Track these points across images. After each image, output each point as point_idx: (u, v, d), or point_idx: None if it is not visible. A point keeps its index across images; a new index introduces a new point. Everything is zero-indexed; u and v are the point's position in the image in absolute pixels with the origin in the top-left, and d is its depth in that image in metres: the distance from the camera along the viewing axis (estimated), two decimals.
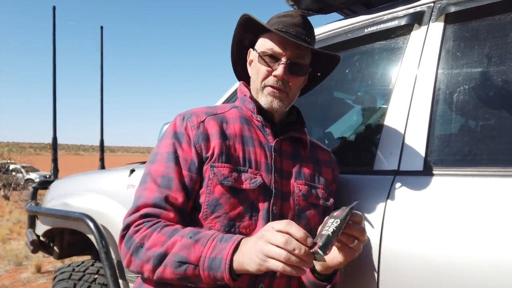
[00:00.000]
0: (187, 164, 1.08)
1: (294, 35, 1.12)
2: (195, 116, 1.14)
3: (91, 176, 2.58)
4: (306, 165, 1.20)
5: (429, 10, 1.34)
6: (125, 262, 1.03)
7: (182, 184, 1.07)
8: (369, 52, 1.53)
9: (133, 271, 1.02)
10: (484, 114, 1.25)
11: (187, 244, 0.95)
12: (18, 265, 5.77)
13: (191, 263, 0.93)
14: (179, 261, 0.94)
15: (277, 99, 1.14)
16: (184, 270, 0.94)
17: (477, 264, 0.99)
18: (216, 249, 0.92)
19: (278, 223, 0.87)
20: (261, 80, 1.15)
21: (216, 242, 0.94)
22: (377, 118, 1.48)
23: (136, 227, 1.01)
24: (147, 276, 1.00)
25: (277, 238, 0.83)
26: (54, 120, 3.82)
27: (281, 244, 0.82)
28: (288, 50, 1.11)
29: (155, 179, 1.07)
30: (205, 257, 0.92)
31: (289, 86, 1.14)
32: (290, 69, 1.12)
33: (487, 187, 1.07)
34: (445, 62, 1.27)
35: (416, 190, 1.17)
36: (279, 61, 1.12)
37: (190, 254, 0.93)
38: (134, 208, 1.05)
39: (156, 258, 0.96)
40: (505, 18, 1.21)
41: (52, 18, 3.87)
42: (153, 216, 1.03)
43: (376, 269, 1.16)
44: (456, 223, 1.05)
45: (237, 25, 1.19)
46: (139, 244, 0.99)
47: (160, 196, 1.04)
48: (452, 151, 1.21)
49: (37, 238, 2.75)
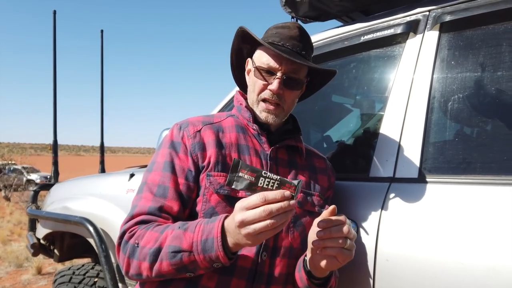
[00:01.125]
0: (184, 173, 1.10)
1: (290, 49, 1.14)
2: (191, 126, 1.16)
3: (91, 180, 2.59)
4: (302, 173, 1.22)
5: (424, 19, 1.36)
6: (124, 267, 1.05)
7: (178, 193, 1.08)
8: (366, 59, 1.55)
9: (133, 274, 1.03)
10: (478, 122, 1.27)
11: (177, 234, 0.97)
12: (19, 267, 5.79)
13: (185, 250, 0.95)
14: (173, 252, 0.95)
15: (272, 115, 1.16)
16: (179, 259, 0.95)
17: (471, 270, 1.00)
18: (205, 231, 0.94)
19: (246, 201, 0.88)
20: (257, 93, 1.17)
21: (203, 226, 0.96)
22: (374, 126, 1.49)
23: (131, 233, 1.04)
24: (146, 276, 1.01)
25: (255, 214, 0.85)
26: (55, 123, 3.84)
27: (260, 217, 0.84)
28: (283, 65, 1.13)
29: (151, 188, 1.09)
30: (197, 242, 0.94)
31: (284, 99, 1.16)
32: (285, 84, 1.14)
33: (481, 195, 1.08)
34: (440, 70, 1.29)
35: (411, 197, 1.18)
36: (274, 75, 1.14)
37: (182, 242, 0.95)
38: (130, 216, 1.08)
39: (151, 254, 0.98)
40: (498, 27, 1.22)
41: (53, 22, 3.89)
42: (148, 222, 1.05)
43: (372, 276, 1.17)
44: (451, 230, 1.07)
45: (235, 37, 1.22)
46: (134, 244, 1.01)
47: (155, 205, 1.06)
48: (447, 158, 1.22)
49: (37, 241, 2.77)
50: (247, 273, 1.07)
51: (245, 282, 1.07)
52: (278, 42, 1.14)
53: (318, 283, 1.10)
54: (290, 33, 1.16)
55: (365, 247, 1.20)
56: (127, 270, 1.04)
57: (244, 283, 1.07)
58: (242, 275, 1.06)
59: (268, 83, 1.15)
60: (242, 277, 1.06)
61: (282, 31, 1.16)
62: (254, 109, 1.20)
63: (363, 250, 1.20)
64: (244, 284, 1.06)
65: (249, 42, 1.21)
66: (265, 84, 1.15)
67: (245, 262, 1.07)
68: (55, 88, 3.77)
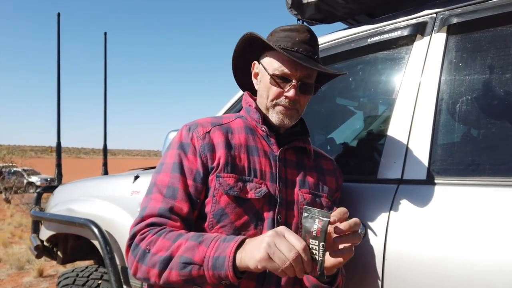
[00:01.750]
0: (193, 174, 1.10)
1: (304, 55, 1.13)
2: (201, 127, 1.16)
3: (95, 182, 2.60)
4: (310, 174, 1.22)
5: (431, 21, 1.36)
6: (132, 270, 1.05)
7: (187, 194, 1.09)
8: (372, 62, 1.55)
9: (140, 278, 1.04)
10: (486, 124, 1.27)
11: (191, 246, 0.97)
12: (20, 269, 5.78)
13: (196, 263, 0.95)
14: (184, 263, 0.96)
15: (288, 117, 1.17)
16: (189, 271, 0.95)
17: (480, 272, 1.00)
18: (219, 249, 0.94)
19: (291, 234, 0.89)
20: (271, 99, 1.16)
21: (219, 243, 0.96)
22: (381, 127, 1.50)
23: (142, 235, 1.03)
24: (154, 282, 1.01)
25: (286, 247, 0.86)
26: (58, 126, 3.84)
27: (287, 254, 0.85)
28: (298, 71, 1.12)
29: (161, 189, 1.09)
30: (209, 257, 0.94)
31: (299, 104, 1.17)
32: (301, 89, 1.14)
33: (490, 196, 1.08)
34: (448, 73, 1.29)
35: (419, 199, 1.18)
36: (290, 82, 1.13)
37: (195, 255, 0.95)
38: (140, 218, 1.07)
39: (161, 262, 0.98)
40: (507, 29, 1.22)
41: (57, 24, 3.90)
42: (159, 225, 1.05)
43: (380, 277, 1.17)
44: (459, 232, 1.07)
45: (242, 40, 1.21)
46: (145, 250, 1.01)
47: (165, 206, 1.06)
48: (455, 160, 1.22)
49: (41, 243, 2.76)
50: (256, 274, 1.07)
51: (255, 283, 1.07)
52: (291, 48, 1.13)
53: (326, 281, 1.10)
54: (300, 37, 1.15)
55: (374, 249, 1.20)
56: (135, 273, 1.04)
57: (253, 284, 1.07)
58: (251, 276, 1.06)
59: (283, 90, 1.14)
60: (251, 278, 1.06)
61: (292, 35, 1.15)
62: (267, 112, 1.19)
63: (372, 252, 1.20)
64: (254, 285, 1.07)
65: (258, 47, 1.20)
66: (281, 92, 1.15)
67: None
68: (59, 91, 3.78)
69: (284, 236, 0.89)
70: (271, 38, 1.19)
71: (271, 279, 1.08)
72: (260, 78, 1.21)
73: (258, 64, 1.21)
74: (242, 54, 1.26)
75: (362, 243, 1.23)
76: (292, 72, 1.12)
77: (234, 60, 1.29)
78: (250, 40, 1.19)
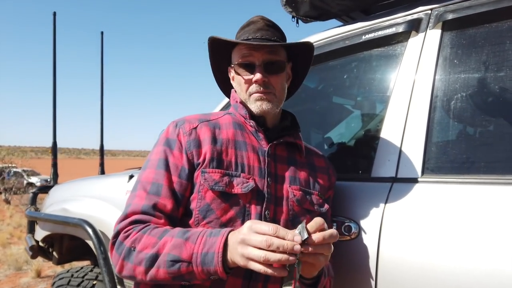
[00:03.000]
0: (178, 171, 1.09)
1: (260, 38, 1.15)
2: (187, 123, 1.15)
3: (90, 182, 2.58)
4: (301, 171, 1.20)
5: (426, 18, 1.35)
6: (117, 268, 1.03)
7: (172, 190, 1.07)
8: (367, 58, 1.53)
9: (126, 276, 1.02)
10: (481, 121, 1.25)
11: (178, 243, 0.96)
12: (18, 270, 5.77)
13: (184, 260, 0.94)
14: (171, 260, 0.95)
15: (265, 101, 1.16)
16: (177, 268, 0.95)
17: (474, 272, 0.99)
18: (207, 244, 0.94)
19: (258, 224, 0.88)
20: (245, 90, 1.18)
21: (206, 238, 0.95)
22: (375, 125, 1.48)
23: (126, 233, 1.02)
24: (140, 279, 1.00)
25: (257, 239, 0.85)
26: (54, 125, 3.83)
27: (260, 245, 0.85)
28: (258, 52, 1.14)
29: (145, 186, 1.08)
30: (197, 254, 0.93)
31: (272, 86, 1.16)
32: (266, 70, 1.15)
33: (485, 194, 1.06)
34: (443, 69, 1.27)
35: (413, 198, 1.17)
36: (254, 67, 1.15)
37: (182, 252, 0.95)
38: (124, 215, 1.06)
39: (148, 260, 0.97)
40: (502, 25, 1.21)
41: (53, 24, 3.89)
42: (142, 222, 1.04)
43: (374, 277, 1.15)
44: (454, 231, 1.05)
45: (208, 50, 1.23)
46: (130, 248, 1.00)
47: (148, 203, 1.05)
48: (450, 158, 1.21)
49: (36, 243, 2.75)
50: (243, 271, 1.05)
51: (242, 280, 1.05)
52: (248, 38, 1.16)
53: (309, 283, 1.07)
54: (256, 26, 1.18)
55: (367, 248, 1.18)
56: (121, 271, 1.03)
57: (240, 281, 1.05)
58: (238, 273, 1.04)
59: (251, 78, 1.15)
60: (238, 275, 1.05)
61: (249, 28, 1.19)
62: (248, 105, 1.19)
63: (365, 251, 1.18)
64: (241, 282, 1.05)
65: (223, 51, 1.22)
66: (249, 79, 1.16)
67: None
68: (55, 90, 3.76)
69: (254, 231, 0.88)
70: (233, 39, 1.21)
71: (258, 276, 1.06)
72: (234, 78, 1.23)
73: (231, 68, 1.23)
74: (219, 67, 1.29)
75: (356, 241, 1.22)
76: (253, 56, 1.14)
77: (215, 74, 1.32)
78: (215, 46, 1.21)
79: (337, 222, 1.27)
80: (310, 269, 0.97)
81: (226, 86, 1.34)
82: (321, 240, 0.89)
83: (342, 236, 1.25)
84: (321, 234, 0.89)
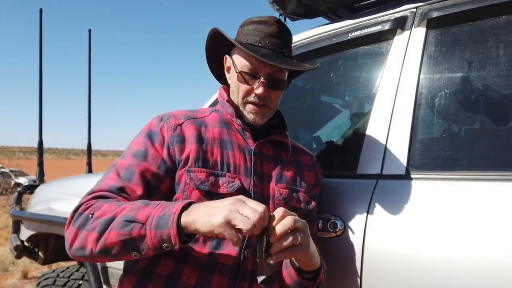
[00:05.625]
0: (157, 163, 1.07)
1: (271, 49, 1.10)
2: (173, 118, 1.13)
3: (77, 181, 2.55)
4: (287, 169, 1.20)
5: (411, 16, 1.35)
6: (69, 240, 0.97)
7: (144, 179, 1.05)
8: (353, 56, 1.54)
9: (76, 249, 0.96)
10: (465, 118, 1.26)
11: (136, 207, 0.93)
12: (5, 271, 5.67)
13: (138, 221, 0.90)
14: (125, 221, 0.91)
15: (260, 115, 1.14)
16: (130, 229, 0.90)
17: (458, 267, 0.99)
18: (165, 209, 0.91)
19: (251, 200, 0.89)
20: (242, 96, 1.14)
21: (166, 205, 0.93)
22: (361, 123, 1.49)
23: (87, 205, 0.99)
24: (89, 250, 0.94)
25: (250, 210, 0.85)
26: (40, 124, 3.77)
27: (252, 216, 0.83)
28: (266, 67, 1.09)
29: (119, 170, 1.06)
30: (153, 216, 0.90)
31: (270, 100, 1.14)
32: (270, 85, 1.11)
33: (468, 191, 1.07)
34: (427, 67, 1.28)
35: (398, 194, 1.17)
36: (258, 78, 1.10)
37: (139, 214, 0.91)
38: (89, 192, 1.03)
39: (102, 224, 0.93)
40: (485, 23, 1.22)
41: (39, 21, 3.84)
42: (107, 197, 1.01)
43: (359, 273, 1.16)
44: (438, 227, 1.06)
45: (209, 37, 1.18)
46: (88, 215, 0.95)
47: (117, 185, 1.03)
48: (434, 155, 1.22)
49: (21, 243, 2.71)
50: (229, 270, 1.04)
51: (227, 279, 1.04)
52: (258, 43, 1.10)
53: (309, 276, 1.07)
54: (269, 30, 1.12)
55: (353, 244, 1.19)
56: (72, 242, 0.97)
57: (226, 280, 1.04)
58: (224, 272, 1.03)
59: (252, 87, 1.12)
60: (224, 274, 1.04)
61: (260, 28, 1.12)
62: (240, 109, 1.16)
63: (351, 247, 1.19)
64: (226, 282, 1.04)
65: (226, 42, 1.16)
66: (250, 88, 1.12)
67: (227, 259, 1.04)
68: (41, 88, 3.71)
69: (245, 202, 0.87)
70: (240, 31, 1.16)
71: (244, 275, 1.06)
72: (231, 74, 1.18)
73: (230, 58, 1.18)
74: (214, 48, 1.23)
75: (341, 238, 1.22)
76: (260, 68, 1.09)
77: (207, 55, 1.26)
78: (218, 35, 1.16)
79: (323, 219, 1.27)
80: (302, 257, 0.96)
81: (216, 68, 1.29)
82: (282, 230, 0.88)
83: (328, 233, 1.25)
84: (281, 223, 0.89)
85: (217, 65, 1.28)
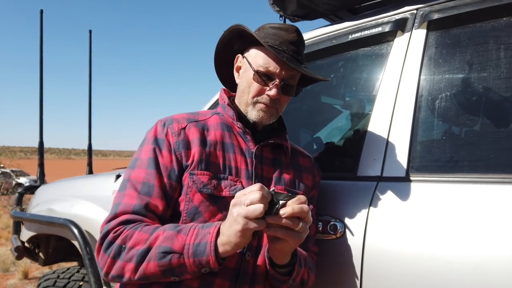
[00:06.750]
0: (167, 172, 1.07)
1: (290, 55, 1.11)
2: (176, 123, 1.13)
3: (77, 182, 2.55)
4: (286, 171, 1.20)
5: (412, 17, 1.35)
6: (105, 269, 1.00)
7: (163, 191, 1.06)
8: (354, 58, 1.53)
9: (113, 276, 0.99)
10: (465, 120, 1.26)
11: (170, 235, 0.95)
12: (5, 271, 5.68)
13: (176, 252, 0.93)
14: (163, 252, 0.93)
15: (268, 114, 1.15)
16: (168, 260, 0.93)
17: (459, 270, 0.99)
18: (199, 235, 0.93)
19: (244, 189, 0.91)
20: (252, 96, 1.14)
21: (198, 230, 0.95)
22: (361, 124, 1.48)
23: (116, 233, 0.99)
24: (128, 278, 0.97)
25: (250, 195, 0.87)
26: (41, 124, 3.78)
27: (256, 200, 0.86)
28: (283, 71, 1.11)
29: (135, 185, 1.06)
30: (189, 244, 0.93)
31: (279, 103, 1.15)
32: (283, 89, 1.12)
33: (469, 193, 1.07)
34: (428, 69, 1.28)
35: (398, 196, 1.17)
36: (273, 80, 1.12)
37: (174, 243, 0.94)
38: (113, 215, 1.03)
39: (139, 255, 0.95)
40: (486, 25, 1.22)
41: (40, 21, 3.85)
42: (133, 222, 1.01)
43: (359, 276, 1.16)
44: (438, 229, 1.06)
45: (228, 32, 1.18)
46: (120, 245, 0.97)
47: (140, 203, 1.03)
48: (434, 157, 1.21)
49: (22, 244, 2.71)
50: (231, 273, 1.05)
51: (229, 282, 1.04)
52: (278, 46, 1.11)
53: (282, 271, 1.06)
54: (288, 36, 1.13)
55: (353, 247, 1.18)
56: (108, 271, 0.99)
57: (227, 283, 1.04)
58: (225, 275, 1.04)
59: (265, 88, 1.12)
60: (225, 277, 1.04)
61: (280, 33, 1.13)
62: (247, 109, 1.17)
63: (351, 249, 1.19)
64: (228, 284, 1.04)
65: (244, 40, 1.17)
66: (263, 89, 1.13)
67: (229, 262, 1.04)
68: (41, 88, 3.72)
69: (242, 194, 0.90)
70: (258, 33, 1.16)
71: (245, 278, 1.06)
72: (243, 73, 1.18)
73: (242, 57, 1.19)
74: (226, 46, 1.23)
75: (341, 240, 1.22)
76: (277, 71, 1.11)
77: (217, 51, 1.25)
78: (238, 32, 1.16)
79: (323, 221, 1.27)
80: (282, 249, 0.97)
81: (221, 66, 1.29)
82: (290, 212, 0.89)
83: (328, 235, 1.25)
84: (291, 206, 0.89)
85: (221, 63, 1.28)
